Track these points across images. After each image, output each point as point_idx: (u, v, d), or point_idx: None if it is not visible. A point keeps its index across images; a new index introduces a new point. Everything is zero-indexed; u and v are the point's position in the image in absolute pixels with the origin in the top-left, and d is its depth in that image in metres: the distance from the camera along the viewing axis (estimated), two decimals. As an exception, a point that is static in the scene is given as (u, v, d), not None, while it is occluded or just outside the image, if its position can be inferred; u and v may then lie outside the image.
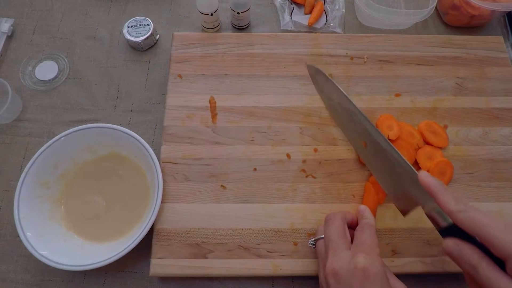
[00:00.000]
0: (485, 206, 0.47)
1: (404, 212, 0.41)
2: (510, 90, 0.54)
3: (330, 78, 0.46)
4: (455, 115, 0.53)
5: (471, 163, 0.50)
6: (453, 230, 0.33)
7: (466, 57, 0.56)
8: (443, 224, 0.34)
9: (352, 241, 0.37)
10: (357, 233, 0.37)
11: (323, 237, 0.39)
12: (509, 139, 0.51)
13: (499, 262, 0.29)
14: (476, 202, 0.47)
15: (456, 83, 0.55)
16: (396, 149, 0.39)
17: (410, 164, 0.38)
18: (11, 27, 0.60)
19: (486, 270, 0.29)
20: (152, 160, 0.45)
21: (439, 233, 0.35)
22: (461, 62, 0.56)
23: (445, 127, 0.51)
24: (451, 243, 0.32)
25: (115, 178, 0.48)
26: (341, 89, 0.44)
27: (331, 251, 0.36)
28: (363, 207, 0.40)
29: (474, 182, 0.49)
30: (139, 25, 0.58)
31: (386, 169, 0.42)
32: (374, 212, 0.45)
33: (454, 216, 0.32)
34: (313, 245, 0.41)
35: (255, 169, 0.48)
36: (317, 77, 0.49)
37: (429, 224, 0.43)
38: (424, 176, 0.35)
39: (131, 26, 0.58)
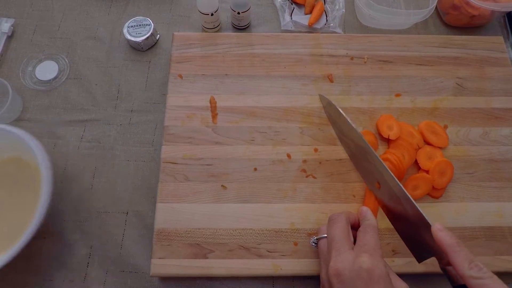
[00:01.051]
0: (485, 206, 0.47)
1: (419, 260, 0.39)
2: (510, 90, 0.55)
3: (342, 112, 0.46)
4: (455, 115, 0.53)
5: (471, 163, 0.50)
6: None
7: (466, 57, 0.56)
8: (457, 283, 0.33)
9: (354, 242, 0.37)
10: (360, 234, 0.37)
11: (325, 237, 0.39)
12: (509, 139, 0.51)
13: None
14: (476, 202, 0.47)
15: (456, 83, 0.55)
16: (410, 196, 0.38)
17: (424, 214, 0.36)
18: (11, 27, 0.60)
19: None
20: (33, 150, 0.41)
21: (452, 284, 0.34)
22: (461, 62, 0.56)
23: (445, 127, 0.51)
24: None
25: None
26: (353, 125, 0.45)
27: (334, 251, 0.35)
28: (365, 208, 0.40)
29: (474, 182, 0.49)
30: (140, 25, 0.58)
31: (400, 215, 0.40)
32: (375, 214, 0.45)
33: (466, 281, 0.31)
34: (315, 244, 0.41)
35: (255, 169, 0.48)
36: (329, 109, 0.50)
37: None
38: (437, 230, 0.34)
39: (132, 26, 0.58)
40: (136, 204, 0.49)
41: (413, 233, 0.38)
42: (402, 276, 0.43)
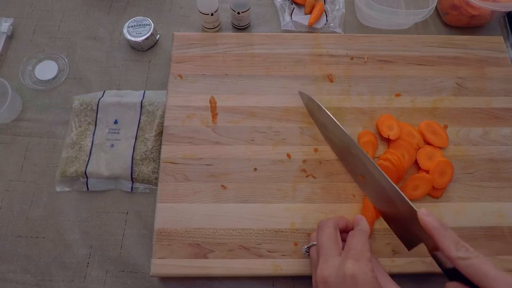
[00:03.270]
0: (485, 206, 0.47)
1: (409, 247, 0.39)
2: (510, 90, 0.55)
3: (323, 107, 0.46)
4: (455, 115, 0.53)
5: (471, 163, 0.50)
6: (456, 273, 0.32)
7: (466, 57, 0.56)
8: (446, 266, 0.33)
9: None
10: (349, 238, 0.37)
11: (315, 244, 0.39)
12: (509, 139, 0.51)
13: None
14: (476, 202, 0.47)
15: (456, 83, 0.55)
16: (394, 184, 0.38)
17: (409, 201, 0.37)
18: (11, 27, 0.60)
19: None
20: None
21: (443, 272, 0.34)
22: (461, 62, 0.56)
23: (445, 127, 0.51)
24: (452, 286, 0.32)
25: None
26: (335, 119, 0.45)
27: (321, 258, 0.35)
28: (359, 216, 0.40)
29: (474, 182, 0.49)
30: (139, 25, 0.58)
31: (386, 204, 0.41)
32: (373, 220, 0.45)
33: (455, 262, 0.31)
34: (307, 252, 0.41)
35: (255, 169, 0.48)
36: (311, 106, 0.50)
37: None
38: (423, 214, 0.34)
39: (132, 26, 0.58)
40: (136, 204, 0.49)
41: (401, 221, 0.39)
42: (403, 276, 0.43)
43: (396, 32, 0.61)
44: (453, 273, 0.32)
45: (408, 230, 0.38)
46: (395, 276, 0.43)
